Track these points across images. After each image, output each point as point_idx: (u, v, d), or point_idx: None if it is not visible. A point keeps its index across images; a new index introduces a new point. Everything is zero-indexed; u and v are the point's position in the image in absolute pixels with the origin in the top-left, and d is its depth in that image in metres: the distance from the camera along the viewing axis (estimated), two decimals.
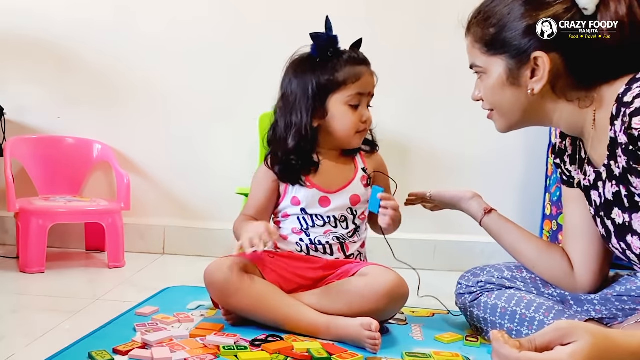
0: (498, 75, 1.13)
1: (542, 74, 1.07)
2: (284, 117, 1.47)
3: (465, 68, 1.23)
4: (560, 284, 1.31)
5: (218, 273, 1.37)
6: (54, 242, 2.11)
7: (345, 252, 1.49)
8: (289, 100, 1.47)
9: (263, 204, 1.52)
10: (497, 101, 1.16)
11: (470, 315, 1.40)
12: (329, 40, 1.44)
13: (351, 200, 1.49)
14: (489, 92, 1.16)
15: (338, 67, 1.43)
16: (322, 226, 1.48)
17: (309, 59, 1.46)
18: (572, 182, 1.25)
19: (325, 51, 1.44)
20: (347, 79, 1.43)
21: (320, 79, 1.43)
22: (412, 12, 2.17)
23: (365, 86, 1.46)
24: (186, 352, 1.20)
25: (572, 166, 1.24)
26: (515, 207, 2.19)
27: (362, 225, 1.52)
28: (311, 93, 1.43)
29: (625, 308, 1.23)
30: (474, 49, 1.16)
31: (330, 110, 1.45)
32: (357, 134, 1.48)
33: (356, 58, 1.46)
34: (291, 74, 1.48)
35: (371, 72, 1.48)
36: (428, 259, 2.19)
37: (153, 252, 2.24)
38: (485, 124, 1.26)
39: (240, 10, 2.20)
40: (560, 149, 1.27)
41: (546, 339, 0.84)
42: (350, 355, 1.23)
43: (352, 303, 1.34)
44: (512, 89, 1.12)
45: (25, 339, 1.30)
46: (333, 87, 1.44)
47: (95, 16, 2.22)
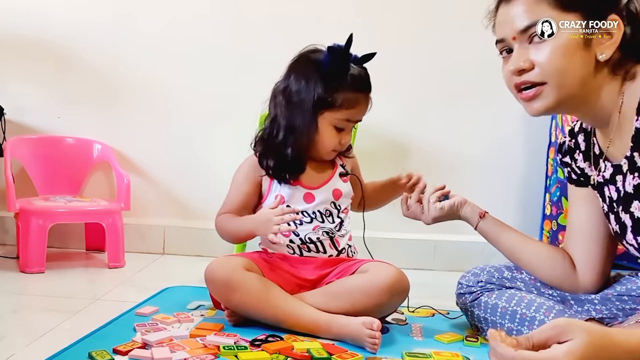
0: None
1: (616, 37, 1.02)
2: (287, 114, 1.47)
3: (465, 68, 1.23)
4: (562, 286, 1.30)
5: (220, 270, 1.37)
6: (54, 242, 2.11)
7: (337, 247, 1.50)
8: (292, 99, 1.46)
9: (245, 200, 1.53)
10: (562, 67, 1.03)
11: (470, 315, 1.40)
12: (343, 56, 1.43)
13: (334, 194, 1.51)
14: (556, 55, 1.03)
15: (340, 88, 1.43)
16: (309, 222, 1.48)
17: (316, 66, 1.44)
18: (582, 181, 1.24)
19: (335, 67, 1.42)
20: (343, 103, 1.44)
21: (321, 92, 1.43)
22: (410, 11, 2.17)
23: (357, 115, 1.48)
24: (186, 352, 1.20)
25: (586, 162, 1.22)
26: (515, 207, 2.19)
27: (345, 219, 1.53)
28: (314, 101, 1.43)
29: (625, 308, 1.23)
30: (538, 4, 1.04)
31: (318, 124, 1.46)
32: (332, 151, 1.51)
33: (359, 84, 1.45)
34: (299, 74, 1.46)
35: (368, 100, 1.48)
36: (428, 259, 2.19)
37: (153, 252, 2.24)
38: (485, 124, 1.26)
39: (241, 9, 2.20)
40: (570, 147, 1.25)
41: (543, 337, 0.84)
42: (350, 355, 1.23)
43: (355, 300, 1.34)
44: (583, 52, 1.03)
45: (25, 339, 1.30)
46: (328, 105, 1.44)
47: (95, 16, 2.22)
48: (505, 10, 1.09)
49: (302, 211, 1.48)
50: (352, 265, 1.44)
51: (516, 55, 1.07)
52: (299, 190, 1.49)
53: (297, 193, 1.49)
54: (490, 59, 2.32)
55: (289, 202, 1.49)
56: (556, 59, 1.03)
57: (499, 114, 2.15)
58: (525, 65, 1.05)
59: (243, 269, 1.37)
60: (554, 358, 0.81)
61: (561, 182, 1.89)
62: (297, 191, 1.49)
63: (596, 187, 1.19)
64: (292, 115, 1.46)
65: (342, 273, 1.44)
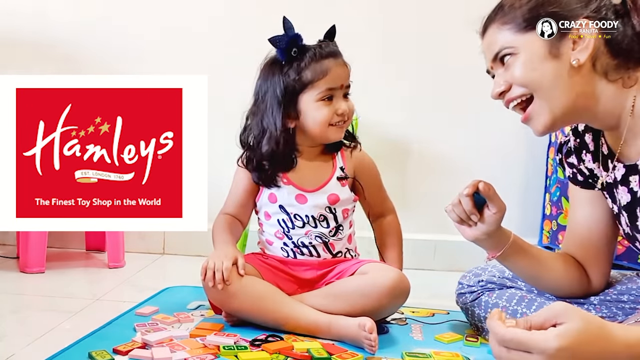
0: (537, 49, 1.05)
1: (586, 42, 1.03)
2: (256, 123, 1.46)
3: (465, 67, 1.23)
4: (576, 293, 1.27)
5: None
6: (54, 242, 2.11)
7: (332, 251, 1.48)
8: (259, 105, 1.46)
9: (243, 200, 1.52)
10: (536, 79, 1.06)
11: (471, 315, 1.40)
12: (289, 40, 1.41)
13: (329, 200, 1.47)
14: (526, 70, 1.06)
15: (303, 67, 1.40)
16: (301, 227, 1.46)
17: (276, 62, 1.44)
18: (589, 182, 1.22)
19: (289, 52, 1.41)
20: (314, 78, 1.40)
21: (287, 82, 1.41)
22: (415, 13, 2.17)
23: (335, 80, 1.41)
24: (186, 352, 1.20)
25: (595, 163, 1.20)
26: (515, 207, 2.18)
27: (344, 222, 1.50)
28: (280, 97, 1.42)
29: (625, 307, 1.23)
30: (500, 33, 1.09)
31: (302, 110, 1.43)
32: (331, 126, 1.43)
33: (321, 53, 1.41)
34: (261, 78, 1.47)
35: (340, 62, 1.43)
36: (428, 259, 2.19)
37: (153, 252, 2.24)
38: (485, 124, 1.26)
39: (240, 9, 2.20)
40: (576, 147, 1.24)
41: (540, 319, 0.84)
42: (350, 355, 1.23)
43: (354, 302, 1.34)
44: (553, 62, 1.04)
45: (25, 339, 1.30)
46: (301, 88, 1.41)
47: (95, 17, 2.22)
48: (482, 44, 1.15)
49: (295, 214, 1.47)
50: (351, 265, 1.44)
51: (495, 81, 1.12)
52: (292, 190, 1.47)
53: (289, 193, 1.47)
54: None
55: (281, 202, 1.47)
56: (527, 73, 1.06)
57: (499, 114, 2.14)
58: (503, 87, 1.10)
59: (239, 275, 1.36)
60: (544, 340, 0.80)
61: (561, 182, 1.89)
62: (289, 191, 1.47)
63: (605, 188, 1.18)
64: (262, 119, 1.45)
65: (341, 273, 1.44)
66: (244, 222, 1.55)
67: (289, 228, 1.47)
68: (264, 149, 1.44)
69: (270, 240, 1.50)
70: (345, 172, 1.50)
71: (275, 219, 1.48)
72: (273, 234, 1.49)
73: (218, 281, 1.33)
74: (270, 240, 1.50)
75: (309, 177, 1.48)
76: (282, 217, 1.47)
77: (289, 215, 1.46)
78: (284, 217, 1.47)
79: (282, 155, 1.45)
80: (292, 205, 1.46)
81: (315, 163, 1.50)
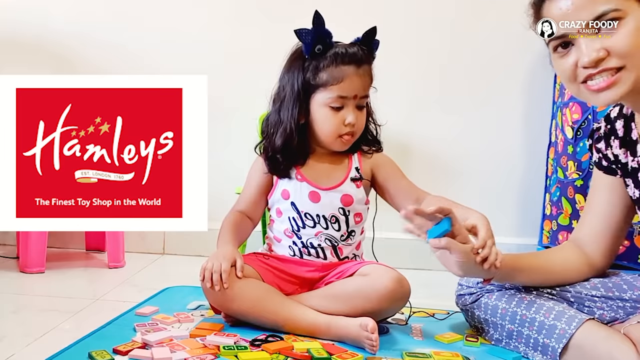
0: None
1: None
2: (274, 112, 1.47)
3: (466, 68, 1.22)
4: (581, 277, 1.31)
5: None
6: (54, 242, 2.11)
7: (339, 255, 1.47)
8: (280, 95, 1.47)
9: (256, 196, 1.52)
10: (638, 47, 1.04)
11: (470, 316, 1.40)
12: (316, 36, 1.39)
13: (342, 201, 1.46)
14: (633, 38, 1.03)
15: (321, 67, 1.40)
16: (312, 227, 1.46)
17: (301, 55, 1.44)
18: (612, 168, 1.27)
19: (313, 48, 1.40)
20: (328, 82, 1.39)
21: (304, 78, 1.41)
22: (415, 13, 2.17)
23: (349, 89, 1.39)
24: (186, 352, 1.20)
25: (622, 149, 1.24)
26: (515, 207, 2.19)
27: (357, 228, 1.49)
28: (296, 91, 1.42)
29: (626, 307, 1.23)
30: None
31: (311, 110, 1.43)
32: (339, 138, 1.43)
33: (343, 58, 1.39)
34: (285, 69, 1.47)
35: (361, 72, 1.40)
36: (428, 259, 2.18)
37: (153, 252, 2.24)
38: (485, 124, 1.26)
39: (240, 9, 2.20)
40: (606, 133, 1.28)
41: None
42: (350, 355, 1.23)
43: (354, 303, 1.34)
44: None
45: (25, 339, 1.30)
46: (314, 88, 1.41)
47: (96, 17, 2.22)
48: (562, 4, 1.07)
49: (306, 213, 1.46)
50: (352, 266, 1.43)
51: (586, 47, 1.05)
52: (305, 186, 1.46)
53: (302, 190, 1.46)
54: (491, 60, 2.32)
55: (294, 199, 1.46)
56: (632, 41, 1.03)
57: (500, 114, 2.15)
58: (601, 54, 1.04)
59: (237, 277, 1.36)
60: None
61: (561, 182, 1.89)
62: (302, 187, 1.46)
63: (630, 174, 1.21)
64: (279, 109, 1.45)
65: (341, 274, 1.43)
66: (254, 220, 1.54)
67: (299, 227, 1.47)
68: (278, 140, 1.45)
69: (278, 237, 1.50)
70: (360, 173, 1.49)
71: (286, 216, 1.48)
72: (282, 232, 1.48)
73: (215, 282, 1.33)
74: (279, 238, 1.50)
75: (324, 175, 1.48)
76: (293, 214, 1.47)
77: (300, 213, 1.46)
78: (294, 215, 1.47)
79: (295, 149, 1.45)
80: (304, 203, 1.46)
81: (330, 161, 1.50)
